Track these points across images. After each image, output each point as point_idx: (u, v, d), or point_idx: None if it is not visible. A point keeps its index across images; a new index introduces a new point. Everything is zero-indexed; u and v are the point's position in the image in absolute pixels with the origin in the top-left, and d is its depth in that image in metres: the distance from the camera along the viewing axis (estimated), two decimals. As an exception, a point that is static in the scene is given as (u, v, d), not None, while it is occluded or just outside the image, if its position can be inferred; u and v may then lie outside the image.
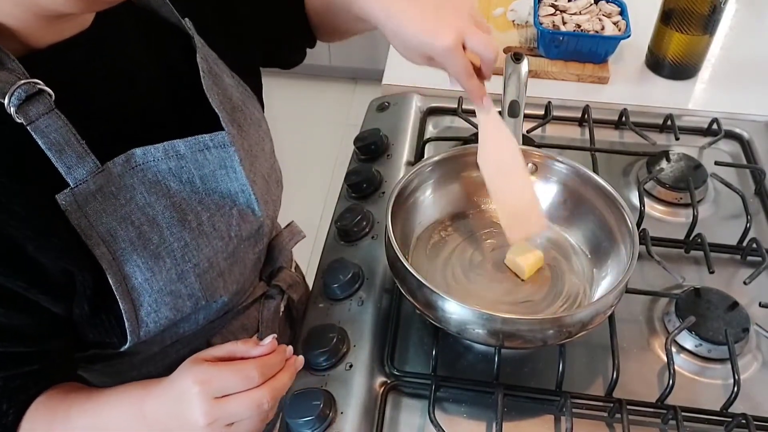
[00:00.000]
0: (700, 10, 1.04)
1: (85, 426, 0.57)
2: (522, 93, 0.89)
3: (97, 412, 0.58)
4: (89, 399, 0.59)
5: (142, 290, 0.58)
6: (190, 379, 0.53)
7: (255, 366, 0.54)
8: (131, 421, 0.57)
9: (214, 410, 0.52)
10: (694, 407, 0.69)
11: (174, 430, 0.55)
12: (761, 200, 0.93)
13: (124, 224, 0.55)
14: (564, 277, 0.78)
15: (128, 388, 0.58)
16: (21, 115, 0.49)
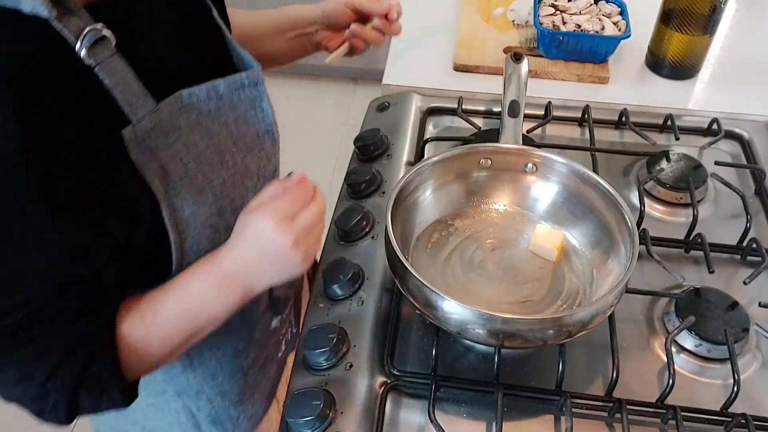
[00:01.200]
0: (700, 10, 1.04)
1: (176, 308, 0.62)
2: (522, 93, 0.90)
3: (181, 294, 0.62)
4: (166, 290, 0.62)
5: (188, 223, 0.62)
6: (261, 219, 0.61)
7: (303, 186, 0.63)
8: (218, 287, 0.62)
9: (293, 229, 0.60)
10: (693, 407, 0.69)
11: (265, 270, 0.63)
12: (761, 200, 0.93)
13: (174, 161, 0.60)
14: (564, 277, 0.78)
15: (197, 266, 0.63)
16: (91, 57, 0.53)
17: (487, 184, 0.85)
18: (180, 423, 0.82)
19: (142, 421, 0.83)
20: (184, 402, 0.81)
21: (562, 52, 1.13)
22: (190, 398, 0.80)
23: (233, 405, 0.84)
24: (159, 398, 0.80)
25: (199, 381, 0.79)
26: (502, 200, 0.86)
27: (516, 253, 0.81)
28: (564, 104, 1.07)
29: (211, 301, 0.63)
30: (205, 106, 0.62)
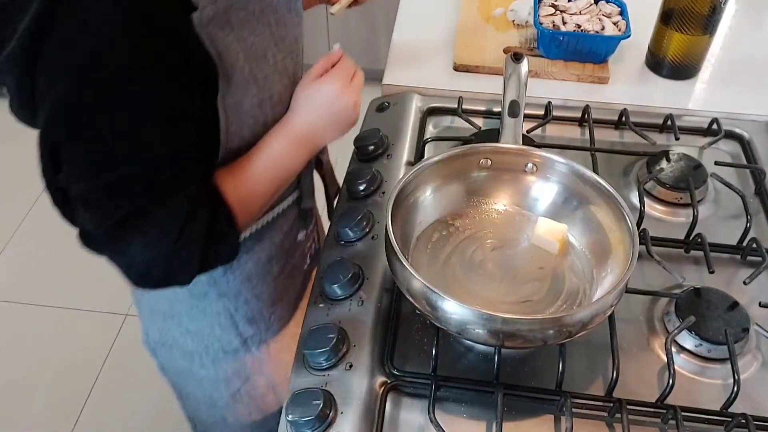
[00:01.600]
0: (700, 10, 1.04)
1: (264, 167, 0.75)
2: (522, 93, 0.90)
3: (264, 156, 0.75)
4: (251, 156, 0.75)
5: (234, 109, 0.71)
6: (328, 85, 0.78)
7: (346, 57, 0.82)
8: (294, 146, 0.77)
9: (352, 91, 0.80)
10: (694, 407, 0.69)
11: (329, 129, 0.80)
12: (761, 200, 0.93)
13: (227, 51, 0.67)
14: (564, 277, 0.78)
15: (272, 134, 0.76)
16: None
17: (487, 184, 0.85)
18: (220, 323, 0.91)
19: (186, 324, 0.91)
20: (224, 303, 0.89)
21: (562, 52, 1.13)
22: (230, 299, 0.89)
23: (266, 306, 0.93)
24: (202, 300, 0.89)
25: (237, 283, 0.88)
26: (502, 200, 0.86)
27: (516, 253, 0.81)
28: (564, 104, 1.07)
29: (288, 157, 0.77)
30: (251, 6, 0.70)
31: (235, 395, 0.99)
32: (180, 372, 1.00)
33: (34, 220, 2.27)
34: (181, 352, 0.95)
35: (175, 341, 0.94)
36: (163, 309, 0.92)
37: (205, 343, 0.93)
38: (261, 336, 0.95)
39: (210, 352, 0.94)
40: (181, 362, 0.97)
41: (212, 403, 1.02)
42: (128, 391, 1.79)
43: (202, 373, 0.97)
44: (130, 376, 1.82)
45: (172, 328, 0.93)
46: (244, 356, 0.95)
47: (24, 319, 1.97)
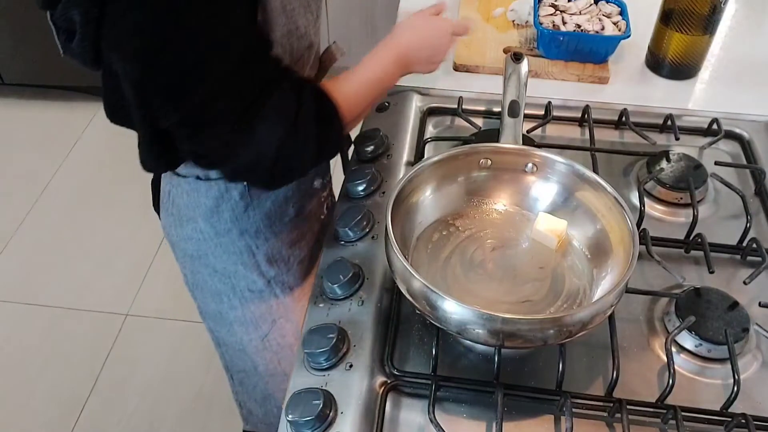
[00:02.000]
0: (700, 10, 1.04)
1: (365, 77, 0.86)
2: (522, 93, 0.90)
3: (364, 69, 0.86)
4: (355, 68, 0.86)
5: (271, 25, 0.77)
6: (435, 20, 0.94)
7: None
8: (392, 64, 0.88)
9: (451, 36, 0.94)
10: (694, 407, 0.69)
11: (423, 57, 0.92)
12: (761, 200, 0.93)
13: None
14: (564, 277, 0.78)
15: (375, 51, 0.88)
16: None
17: (487, 184, 0.85)
18: (243, 261, 0.95)
19: (213, 263, 0.96)
20: (246, 241, 0.93)
21: (562, 52, 1.13)
22: (251, 237, 0.93)
23: (285, 246, 0.97)
24: (225, 237, 0.93)
25: (257, 219, 0.92)
26: (502, 200, 0.86)
27: (516, 253, 0.81)
28: (564, 104, 1.07)
29: (387, 74, 0.87)
30: None
31: (264, 340, 1.05)
32: (213, 316, 1.06)
33: (34, 220, 2.27)
34: (210, 294, 1.01)
35: (205, 283, 1.00)
36: (192, 251, 0.96)
37: (231, 282, 0.98)
38: (283, 278, 0.99)
39: (237, 292, 0.99)
40: (212, 305, 1.03)
41: (243, 349, 1.08)
42: (128, 391, 1.79)
43: (231, 315, 1.03)
44: (130, 376, 1.82)
45: (201, 270, 0.98)
46: (269, 298, 1.01)
47: (24, 319, 1.97)
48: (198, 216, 0.91)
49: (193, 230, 0.93)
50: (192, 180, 0.88)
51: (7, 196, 2.35)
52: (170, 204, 0.93)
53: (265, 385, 1.15)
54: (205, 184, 0.87)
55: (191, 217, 0.91)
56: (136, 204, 2.31)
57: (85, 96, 2.68)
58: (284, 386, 1.09)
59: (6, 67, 2.60)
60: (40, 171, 2.44)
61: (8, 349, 1.91)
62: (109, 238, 2.20)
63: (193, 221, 0.92)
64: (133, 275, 2.08)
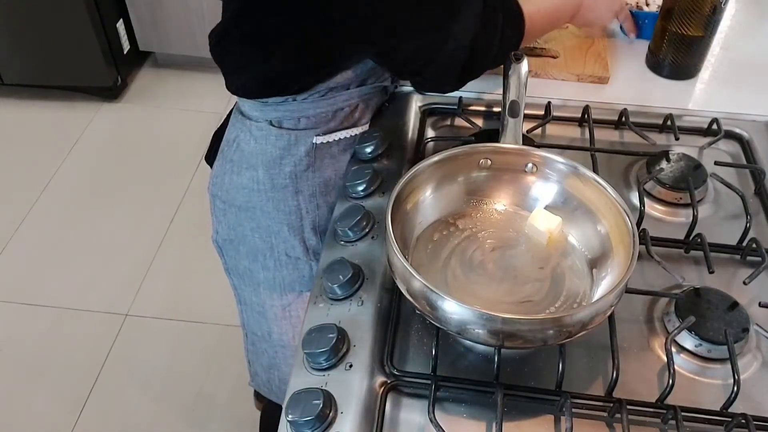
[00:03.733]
0: (700, 10, 1.04)
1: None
2: (522, 93, 0.90)
3: None
4: None
5: None
6: None
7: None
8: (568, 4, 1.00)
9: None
10: (694, 407, 0.69)
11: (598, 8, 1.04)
12: (761, 200, 0.93)
13: None
14: (564, 277, 0.78)
15: None
16: None
17: (487, 184, 0.85)
18: (289, 223, 0.97)
19: (259, 217, 0.97)
20: (298, 202, 0.95)
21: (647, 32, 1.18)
22: (305, 198, 0.95)
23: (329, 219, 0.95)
24: (280, 192, 0.94)
25: (315, 183, 0.94)
26: (502, 200, 0.86)
27: (516, 253, 0.81)
28: (564, 104, 1.07)
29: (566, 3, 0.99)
30: None
31: (286, 309, 1.07)
32: (242, 274, 1.07)
33: (34, 220, 2.28)
34: (246, 249, 1.02)
35: (244, 237, 1.01)
36: (240, 202, 0.97)
37: (272, 242, 0.99)
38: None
39: (274, 253, 1.00)
40: (245, 262, 1.04)
41: (263, 312, 1.10)
42: (128, 391, 1.79)
43: (261, 276, 1.04)
44: (130, 376, 1.82)
45: (244, 222, 0.99)
46: (303, 267, 1.01)
47: (24, 319, 1.97)
48: (259, 164, 0.92)
49: (249, 179, 0.94)
50: (264, 125, 0.91)
51: (7, 196, 2.35)
52: (233, 150, 0.95)
53: (274, 354, 1.16)
54: (276, 131, 0.90)
55: (252, 164, 0.93)
56: (137, 204, 2.31)
57: (85, 96, 2.68)
58: (292, 361, 1.11)
59: (6, 68, 2.60)
60: (40, 171, 2.44)
61: (8, 349, 1.91)
62: (109, 238, 2.20)
63: (253, 169, 0.93)
64: (133, 275, 2.08)
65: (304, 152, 0.91)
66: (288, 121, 0.90)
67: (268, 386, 1.26)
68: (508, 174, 0.85)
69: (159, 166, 2.45)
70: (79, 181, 2.41)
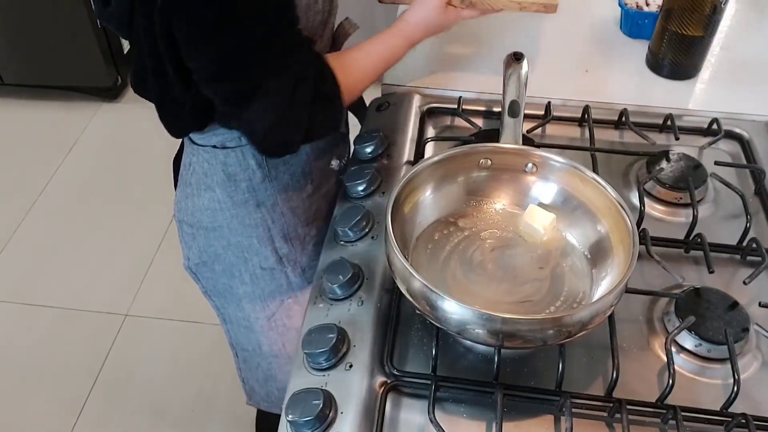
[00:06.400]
0: (700, 10, 1.04)
1: (371, 50, 0.91)
2: (522, 93, 0.90)
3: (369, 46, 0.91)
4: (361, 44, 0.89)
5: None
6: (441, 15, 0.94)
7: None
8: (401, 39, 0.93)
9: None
10: (694, 407, 0.69)
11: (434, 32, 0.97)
12: (761, 200, 0.93)
13: None
14: (564, 277, 0.78)
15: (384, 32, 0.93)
16: None
17: (487, 184, 0.85)
18: (257, 235, 0.96)
19: (228, 236, 0.97)
20: (262, 214, 0.95)
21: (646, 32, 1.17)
22: (267, 210, 0.95)
23: (300, 224, 0.98)
24: (242, 208, 0.94)
25: (274, 192, 0.94)
26: (502, 200, 0.86)
27: (516, 253, 0.81)
28: (564, 104, 1.07)
29: (393, 47, 0.93)
30: None
31: (271, 320, 1.07)
32: (222, 292, 1.06)
33: (34, 220, 2.27)
34: (222, 266, 1.01)
35: (217, 256, 1.00)
36: (206, 223, 0.97)
37: (245, 256, 0.99)
38: (296, 257, 1.00)
39: (249, 267, 1.00)
40: (223, 280, 1.03)
41: (249, 326, 1.09)
42: (128, 391, 1.79)
43: (241, 290, 1.04)
44: (130, 376, 1.82)
45: (214, 242, 0.99)
46: (279, 276, 1.01)
47: (24, 319, 1.97)
48: (216, 184, 0.92)
49: (210, 200, 0.94)
50: (209, 149, 0.90)
51: (7, 196, 2.35)
52: (190, 174, 0.95)
53: (268, 365, 1.16)
54: (222, 152, 0.90)
55: (209, 185, 0.93)
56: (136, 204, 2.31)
57: (84, 96, 2.68)
58: (287, 368, 1.10)
59: (5, 67, 2.60)
60: (39, 171, 2.44)
61: (8, 349, 1.91)
62: (109, 238, 2.20)
63: (211, 190, 0.93)
64: (133, 275, 2.08)
65: (256, 165, 0.91)
66: (230, 141, 0.89)
67: (268, 400, 1.25)
68: (508, 174, 0.85)
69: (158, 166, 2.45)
70: (79, 181, 2.41)
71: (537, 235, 0.80)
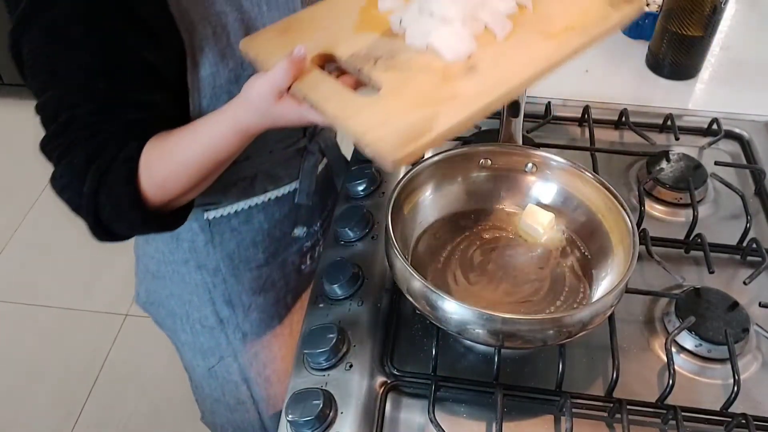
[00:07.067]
0: (700, 10, 1.04)
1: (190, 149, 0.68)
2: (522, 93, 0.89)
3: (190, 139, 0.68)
4: (186, 129, 0.69)
5: (207, 82, 0.71)
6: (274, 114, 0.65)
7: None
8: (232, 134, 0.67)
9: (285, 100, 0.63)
10: (694, 407, 0.69)
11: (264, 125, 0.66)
12: (761, 200, 0.93)
13: (203, 22, 0.69)
14: (564, 277, 0.78)
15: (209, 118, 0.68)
16: None
17: (487, 184, 0.85)
18: (198, 295, 0.92)
19: (170, 287, 0.93)
20: (203, 276, 0.90)
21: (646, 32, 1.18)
22: (208, 273, 0.90)
23: (246, 292, 0.93)
24: (182, 267, 0.89)
25: (217, 258, 0.88)
26: (502, 200, 0.86)
27: (516, 253, 0.81)
28: (564, 104, 1.07)
29: (219, 146, 0.67)
30: None
31: (210, 370, 1.02)
32: (170, 329, 1.02)
33: (34, 220, 2.28)
34: (165, 312, 0.98)
35: (162, 302, 0.97)
36: (153, 269, 0.94)
37: (186, 309, 0.95)
38: (237, 321, 0.95)
39: (190, 320, 0.96)
40: (168, 322, 1.00)
41: (192, 368, 1.06)
42: (128, 391, 1.79)
43: (183, 338, 1.00)
44: (130, 376, 1.82)
45: (159, 289, 0.95)
46: (219, 335, 0.97)
47: (24, 319, 1.97)
48: (158, 238, 0.89)
49: (155, 250, 0.90)
50: None
51: (7, 196, 2.35)
52: None
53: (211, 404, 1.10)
54: None
55: (154, 237, 0.90)
56: (136, 204, 2.31)
57: (85, 96, 2.68)
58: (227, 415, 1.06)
59: (5, 67, 2.60)
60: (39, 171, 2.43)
61: (8, 349, 1.91)
62: (109, 238, 2.20)
63: (155, 241, 0.90)
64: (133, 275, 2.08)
65: (198, 228, 0.86)
66: None
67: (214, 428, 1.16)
68: (508, 174, 0.85)
69: (159, 166, 2.45)
70: (79, 181, 2.41)
71: (536, 235, 0.80)
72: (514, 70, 0.62)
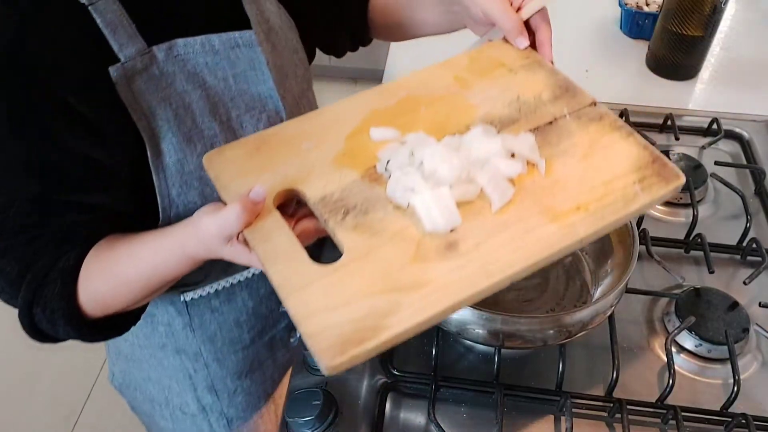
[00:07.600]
0: (700, 10, 1.04)
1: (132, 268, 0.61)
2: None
3: (141, 255, 0.61)
4: (132, 244, 0.62)
5: (174, 169, 0.63)
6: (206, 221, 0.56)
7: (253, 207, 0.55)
8: (177, 260, 0.60)
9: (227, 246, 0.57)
10: (694, 407, 0.69)
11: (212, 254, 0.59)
12: (761, 200, 0.93)
13: (163, 104, 0.61)
14: (564, 277, 0.78)
15: (155, 236, 0.61)
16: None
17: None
18: (177, 380, 0.83)
19: (147, 370, 0.84)
20: (182, 361, 0.81)
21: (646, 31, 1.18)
22: (188, 358, 0.81)
23: (231, 377, 0.84)
24: (160, 351, 0.81)
25: (197, 342, 0.80)
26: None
27: (516, 253, 0.80)
28: (564, 104, 1.07)
29: (164, 270, 0.61)
30: (202, 58, 0.63)
31: None
32: (146, 413, 0.93)
33: (34, 221, 2.27)
34: (143, 396, 0.89)
35: (138, 385, 0.88)
36: (127, 352, 0.85)
37: (165, 394, 0.86)
38: (222, 408, 0.86)
39: (170, 406, 0.87)
40: (146, 407, 0.91)
41: None
42: (128, 392, 1.79)
43: (162, 424, 0.90)
44: (130, 377, 1.82)
45: (135, 372, 0.87)
46: (202, 423, 0.87)
47: (24, 320, 1.97)
48: None
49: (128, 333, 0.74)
50: None
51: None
52: None
53: None
54: None
55: None
56: (136, 204, 2.31)
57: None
58: None
59: None
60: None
61: (8, 349, 1.91)
62: (109, 238, 2.20)
63: None
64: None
65: (175, 311, 0.77)
66: None
67: None
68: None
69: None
70: (79, 182, 2.41)
71: None
72: (500, 258, 0.50)
